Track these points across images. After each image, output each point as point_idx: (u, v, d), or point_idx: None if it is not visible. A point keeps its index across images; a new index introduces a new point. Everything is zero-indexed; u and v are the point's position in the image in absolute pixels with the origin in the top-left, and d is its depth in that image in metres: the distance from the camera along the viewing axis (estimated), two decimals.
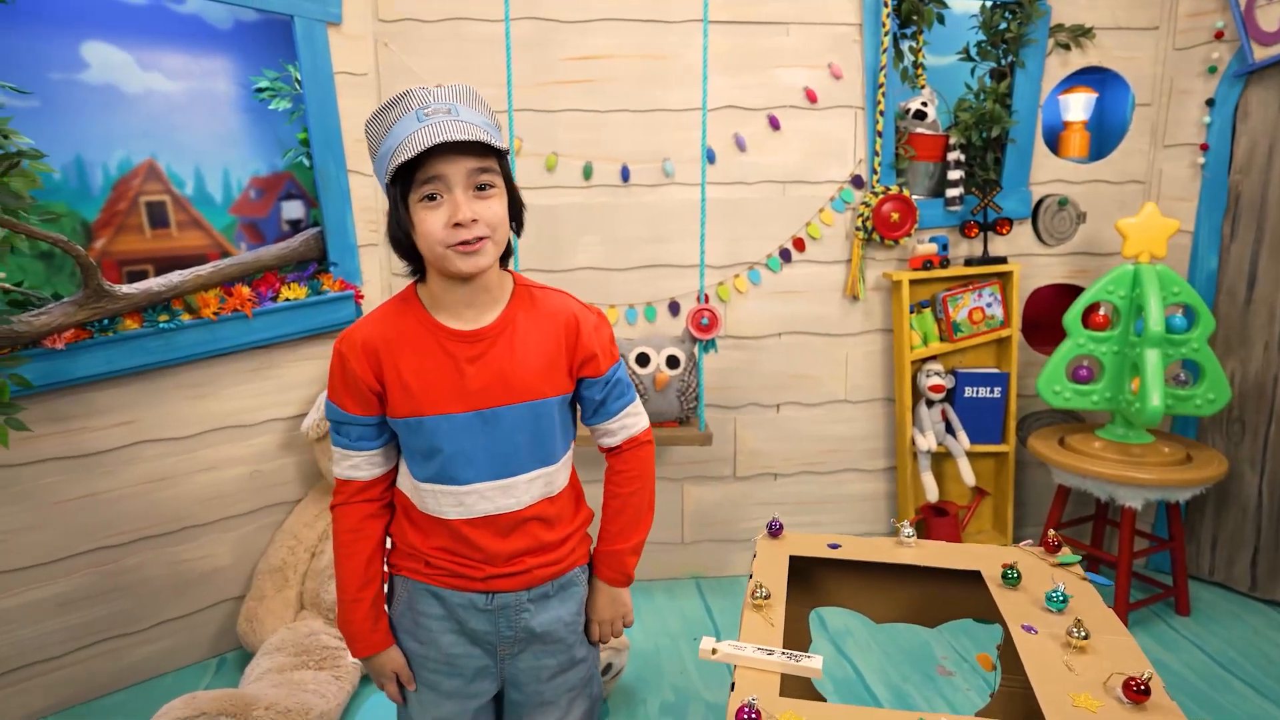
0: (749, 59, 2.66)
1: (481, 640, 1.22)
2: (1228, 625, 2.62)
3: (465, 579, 1.18)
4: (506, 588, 1.19)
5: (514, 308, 1.18)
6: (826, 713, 1.00)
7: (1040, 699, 1.02)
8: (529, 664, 1.25)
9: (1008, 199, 2.80)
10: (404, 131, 1.05)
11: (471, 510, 1.16)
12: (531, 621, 1.22)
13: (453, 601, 1.19)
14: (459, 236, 1.07)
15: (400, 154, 1.03)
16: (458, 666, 1.22)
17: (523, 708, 1.28)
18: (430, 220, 1.07)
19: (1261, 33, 2.53)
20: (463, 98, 1.11)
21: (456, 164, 1.06)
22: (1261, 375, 2.68)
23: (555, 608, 1.23)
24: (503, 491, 1.17)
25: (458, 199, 1.06)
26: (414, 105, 1.08)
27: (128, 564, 2.27)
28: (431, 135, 1.02)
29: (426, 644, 1.21)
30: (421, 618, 1.21)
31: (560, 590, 1.24)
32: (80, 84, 2.26)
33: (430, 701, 1.23)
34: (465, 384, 1.14)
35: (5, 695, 2.12)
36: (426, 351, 1.14)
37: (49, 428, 2.10)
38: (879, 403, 2.90)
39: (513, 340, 1.16)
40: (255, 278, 2.41)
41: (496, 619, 1.20)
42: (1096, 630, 1.17)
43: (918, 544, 1.47)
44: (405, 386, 1.13)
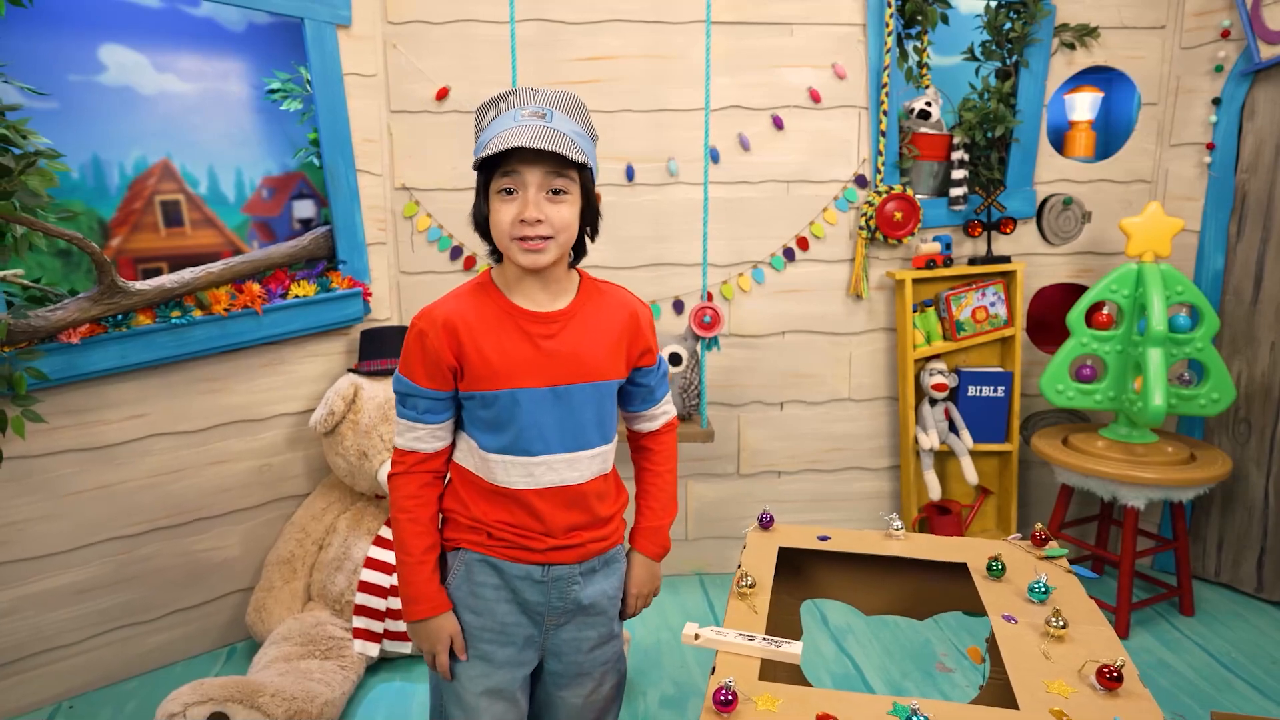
0: (753, 59, 2.68)
1: (532, 611, 1.28)
2: (1232, 626, 2.61)
3: (526, 550, 1.25)
4: (562, 560, 1.27)
5: (583, 296, 1.28)
6: (801, 695, 1.02)
7: (1014, 685, 1.04)
8: (572, 635, 1.32)
9: (1012, 198, 2.80)
10: (500, 127, 1.15)
11: (539, 481, 1.24)
12: (580, 594, 1.29)
13: (511, 573, 1.26)
14: (523, 232, 1.16)
15: (486, 148, 1.13)
16: (510, 636, 1.28)
17: (561, 677, 1.34)
18: (503, 211, 1.17)
19: (1268, 31, 2.53)
20: (562, 105, 1.19)
21: (534, 167, 1.14)
22: (1268, 375, 2.67)
23: (600, 581, 1.32)
24: (569, 465, 1.25)
25: (529, 198, 1.15)
26: (516, 104, 1.17)
27: (141, 554, 2.33)
28: (515, 137, 1.10)
29: (483, 614, 1.27)
30: (479, 588, 1.27)
31: (605, 565, 1.33)
32: (98, 86, 2.31)
33: (482, 673, 1.27)
34: (542, 361, 1.22)
35: (24, 680, 2.18)
36: (504, 330, 1.22)
37: (64, 420, 2.16)
38: (882, 401, 2.92)
39: (584, 324, 1.26)
40: (265, 275, 2.46)
41: (549, 591, 1.27)
42: (1075, 620, 1.18)
43: (907, 537, 1.49)
44: (487, 361, 1.20)
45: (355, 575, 2.36)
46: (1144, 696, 1.01)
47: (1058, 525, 2.75)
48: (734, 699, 0.99)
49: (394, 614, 2.33)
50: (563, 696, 1.35)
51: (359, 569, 2.36)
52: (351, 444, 2.38)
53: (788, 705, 1.01)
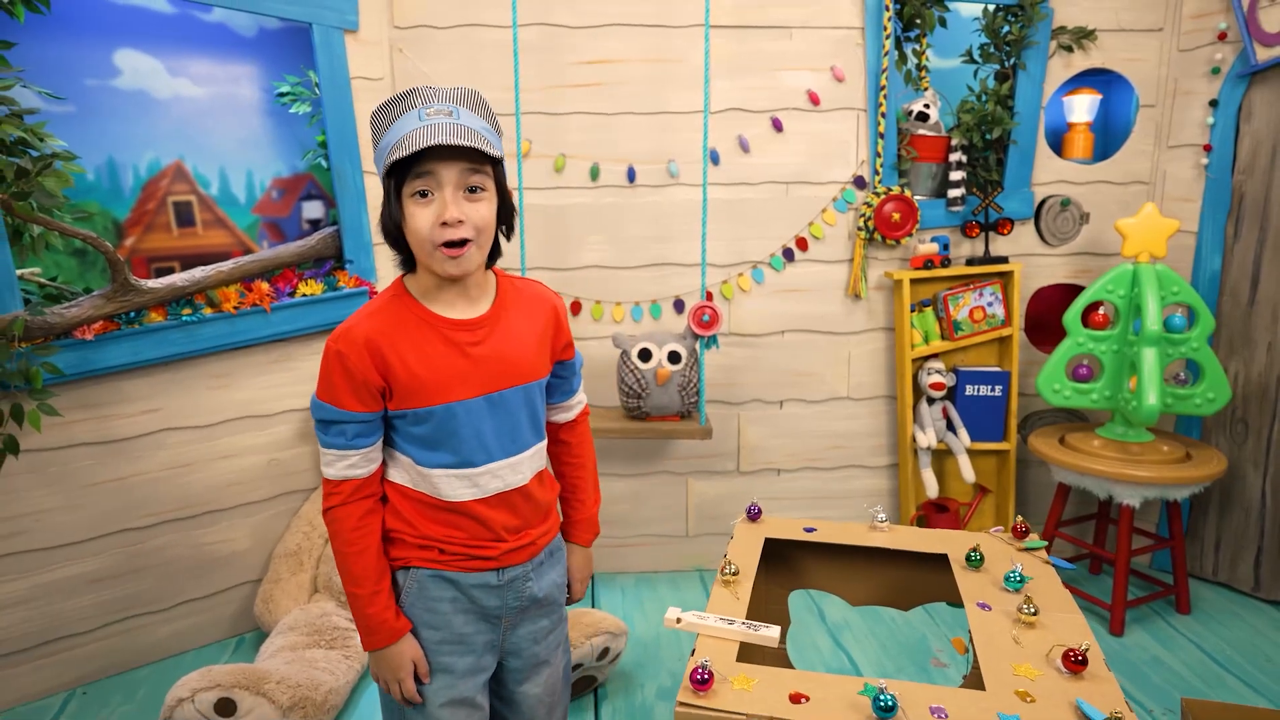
0: (753, 62, 2.72)
1: (490, 615, 1.27)
2: (1228, 624, 2.62)
3: (480, 560, 1.23)
4: (515, 561, 1.26)
5: (502, 298, 1.25)
6: (775, 675, 1.06)
7: (983, 668, 1.08)
8: (527, 629, 1.32)
9: (1010, 199, 2.83)
10: (405, 128, 1.09)
11: (485, 490, 1.22)
12: (534, 588, 1.29)
13: (466, 583, 1.23)
14: (445, 236, 1.11)
15: (396, 150, 1.07)
16: (470, 645, 1.26)
17: (520, 672, 1.34)
18: (419, 216, 1.11)
19: (1264, 34, 2.55)
20: (466, 101, 1.15)
21: (449, 165, 1.10)
22: (1265, 376, 2.69)
23: (549, 572, 1.32)
24: (511, 469, 1.24)
25: (447, 198, 1.10)
26: (418, 103, 1.12)
27: (152, 545, 2.39)
28: (427, 136, 1.06)
29: (441, 628, 1.24)
30: (434, 603, 1.24)
31: (550, 556, 1.33)
32: (113, 90, 2.38)
33: (445, 684, 1.25)
34: (472, 369, 1.19)
35: (39, 666, 2.24)
36: (429, 342, 1.17)
37: (79, 414, 2.23)
38: (881, 400, 2.95)
39: (509, 326, 1.23)
40: (274, 274, 2.52)
41: (505, 593, 1.26)
42: (1048, 608, 1.22)
43: (891, 529, 1.52)
44: (415, 376, 1.16)
45: None
46: (1107, 680, 1.05)
47: (1055, 523, 2.77)
48: (710, 678, 1.04)
49: None
50: (524, 691, 1.36)
51: None
52: None
53: (762, 685, 1.05)
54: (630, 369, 2.56)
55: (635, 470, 2.91)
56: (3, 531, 2.15)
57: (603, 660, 2.21)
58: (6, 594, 2.17)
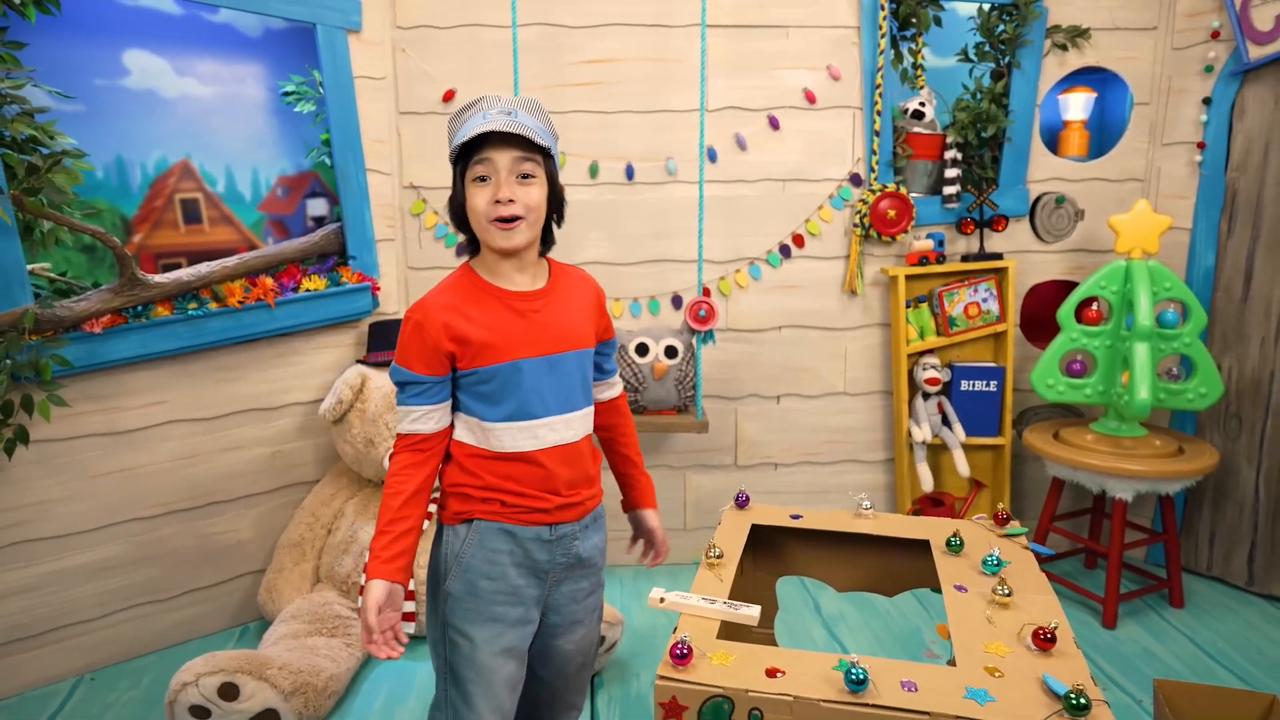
0: (750, 61, 2.76)
1: (539, 570, 1.39)
2: (1221, 618, 2.64)
3: (537, 513, 1.36)
4: (566, 518, 1.40)
5: (555, 277, 1.42)
6: (753, 651, 1.10)
7: (955, 646, 1.11)
8: (569, 588, 1.45)
9: (1004, 197, 2.86)
10: (473, 125, 1.28)
11: (544, 441, 1.36)
12: (580, 548, 1.43)
13: (523, 536, 1.36)
14: (498, 212, 1.28)
15: (460, 138, 1.27)
16: (520, 596, 1.38)
17: (558, 628, 1.46)
18: (478, 196, 1.29)
19: (1256, 32, 2.57)
20: (526, 106, 1.32)
21: (504, 152, 1.28)
22: (1258, 371, 2.71)
23: (593, 535, 1.46)
24: (566, 425, 1.38)
25: (501, 180, 1.28)
26: (485, 107, 1.30)
27: (159, 535, 2.44)
28: (486, 127, 1.25)
29: (497, 579, 1.36)
30: (493, 554, 1.36)
31: (594, 521, 1.47)
32: (121, 89, 2.43)
33: (496, 633, 1.36)
34: (535, 333, 1.35)
35: (48, 652, 2.29)
36: (494, 310, 1.34)
37: (87, 406, 2.28)
38: (877, 395, 2.98)
39: (562, 300, 1.41)
40: (278, 269, 2.57)
41: (554, 549, 1.39)
42: (1022, 590, 1.25)
43: (875, 516, 1.56)
44: (484, 339, 1.32)
45: (361, 558, 2.46)
46: (1075, 656, 1.08)
47: (1049, 517, 2.79)
48: (689, 653, 1.07)
49: None
50: (558, 645, 1.47)
51: (365, 551, 2.46)
52: (358, 431, 2.48)
53: (740, 660, 1.09)
54: (628, 363, 2.60)
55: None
56: (12, 520, 2.20)
57: (599, 649, 2.25)
58: (16, 582, 2.22)
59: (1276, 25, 2.51)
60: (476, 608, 1.35)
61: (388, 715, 2.17)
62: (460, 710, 1.36)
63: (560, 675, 1.51)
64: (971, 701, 1.00)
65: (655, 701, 1.07)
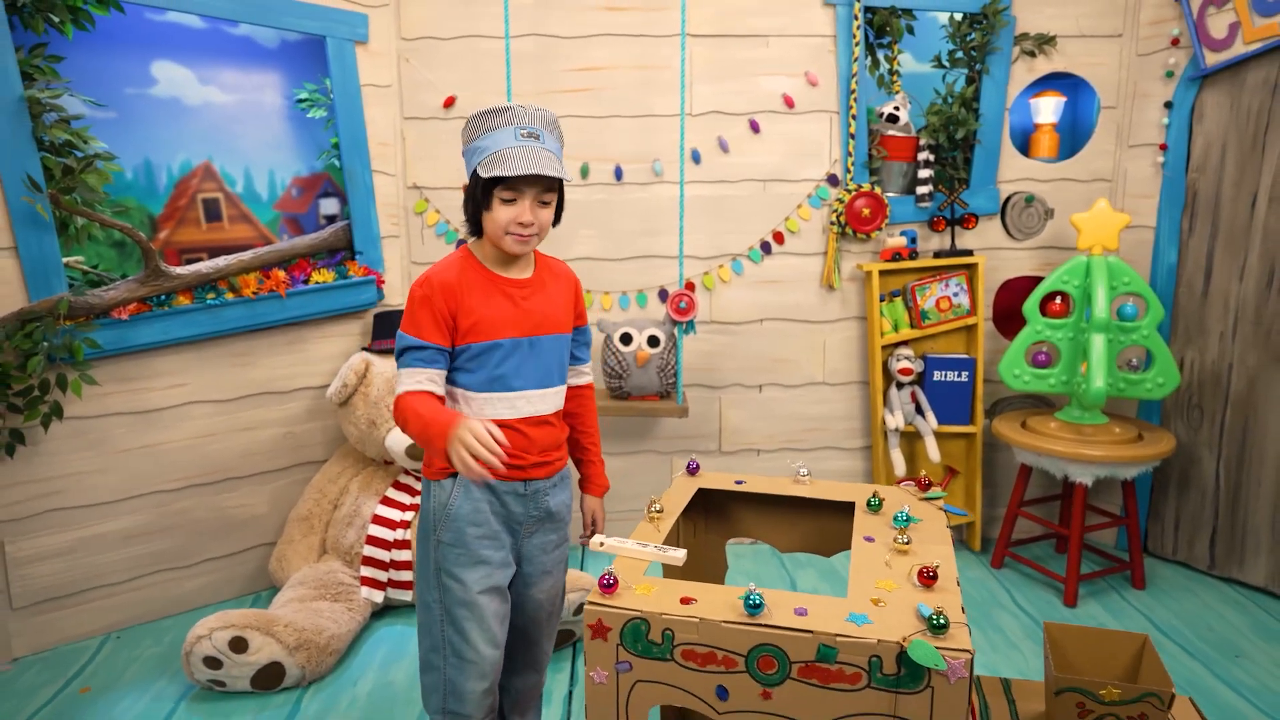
0: (732, 68, 2.93)
1: (514, 521, 1.58)
2: (1179, 599, 2.76)
3: (513, 470, 1.51)
4: (537, 475, 1.58)
5: (541, 268, 1.61)
6: (672, 585, 1.27)
7: (850, 583, 1.27)
8: (540, 540, 1.63)
9: (976, 196, 3.00)
10: (504, 141, 1.43)
11: (519, 411, 1.54)
12: (550, 503, 1.61)
13: (501, 489, 1.55)
14: (519, 231, 1.48)
15: (499, 167, 1.41)
16: (500, 541, 1.57)
17: (531, 577, 1.65)
18: (504, 212, 1.47)
19: (1212, 39, 2.69)
20: (548, 125, 1.49)
21: (533, 184, 1.46)
22: (1217, 363, 2.82)
23: (560, 493, 1.65)
24: (540, 398, 1.57)
25: (526, 206, 1.47)
26: (514, 120, 1.45)
27: (179, 507, 2.66)
28: (529, 164, 1.41)
29: (481, 525, 1.54)
30: (477, 503, 1.54)
31: (560, 481, 1.65)
32: (149, 97, 2.65)
33: (485, 574, 1.55)
34: (520, 316, 1.53)
35: (78, 611, 2.51)
36: (489, 293, 1.52)
37: (115, 387, 2.49)
38: (855, 385, 3.13)
39: (546, 289, 1.59)
40: (290, 263, 2.78)
41: (528, 502, 1.58)
42: (924, 542, 1.41)
43: (811, 482, 1.72)
44: (479, 316, 1.50)
45: (364, 530, 2.65)
46: (953, 592, 1.23)
47: (1017, 502, 2.93)
48: (615, 583, 1.24)
49: (398, 565, 2.61)
50: (531, 594, 1.66)
51: (368, 525, 2.65)
52: (362, 414, 2.68)
53: (659, 592, 1.26)
54: (612, 351, 2.77)
55: (622, 449, 3.12)
56: (47, 490, 2.42)
57: (580, 615, 2.42)
58: (50, 546, 2.44)
59: (1230, 33, 2.64)
60: (467, 553, 1.53)
61: (384, 674, 2.36)
62: (458, 646, 1.53)
63: (533, 623, 1.69)
64: (851, 624, 1.16)
65: (584, 624, 1.24)
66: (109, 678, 2.34)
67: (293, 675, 2.25)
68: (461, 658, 1.53)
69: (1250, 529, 2.77)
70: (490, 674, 1.55)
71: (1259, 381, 2.71)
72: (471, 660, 1.53)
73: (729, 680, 1.19)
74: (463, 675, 1.53)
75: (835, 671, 1.14)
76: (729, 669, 1.19)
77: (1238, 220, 2.73)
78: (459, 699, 1.54)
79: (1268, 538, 2.72)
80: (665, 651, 1.21)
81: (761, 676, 1.18)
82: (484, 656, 1.53)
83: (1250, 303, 2.72)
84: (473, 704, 1.54)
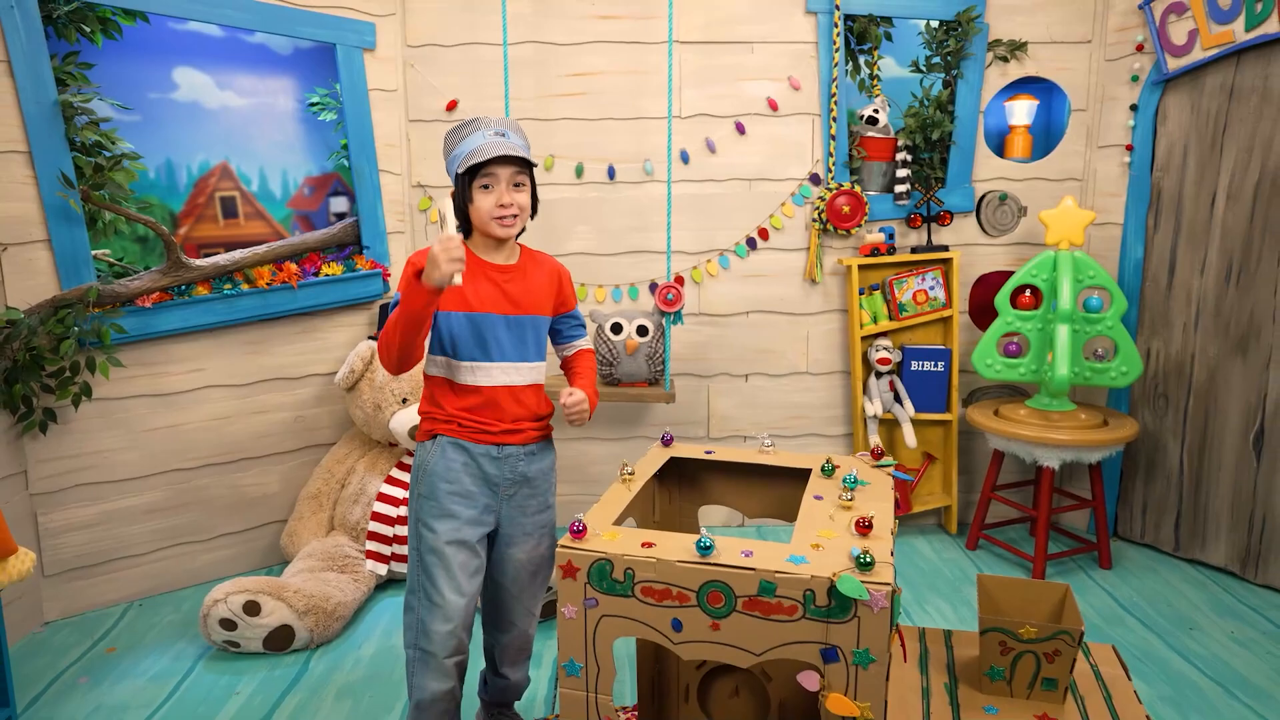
0: (719, 74, 3.09)
1: (491, 482, 1.73)
2: (1143, 578, 2.90)
3: (485, 434, 1.71)
4: (511, 441, 1.74)
5: (525, 258, 1.80)
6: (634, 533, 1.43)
7: (795, 533, 1.43)
8: (518, 503, 1.78)
9: (951, 195, 3.15)
10: (477, 142, 1.66)
11: (495, 380, 1.72)
12: (526, 469, 1.77)
13: (475, 451, 1.71)
14: (499, 213, 1.67)
15: (474, 157, 1.63)
16: (473, 499, 1.72)
17: (511, 538, 1.80)
18: (485, 199, 1.67)
19: (1173, 45, 2.84)
20: (512, 127, 1.72)
21: (506, 169, 1.66)
22: (1181, 354, 2.96)
23: (538, 461, 1.80)
24: (515, 370, 1.74)
25: (502, 189, 1.67)
26: (483, 126, 1.69)
27: (198, 484, 2.83)
28: (497, 150, 1.63)
29: (454, 482, 1.71)
30: (451, 463, 1.71)
31: (540, 450, 1.81)
32: (171, 102, 2.84)
33: (452, 527, 1.71)
34: (502, 297, 1.72)
35: (103, 580, 2.70)
36: (475, 275, 1.71)
37: (139, 370, 2.68)
38: (837, 375, 3.28)
39: (528, 276, 1.77)
40: (302, 257, 2.96)
41: (502, 465, 1.73)
42: (867, 500, 1.56)
43: (775, 452, 1.87)
44: (467, 293, 1.69)
45: (369, 508, 2.82)
46: (885, 540, 1.39)
47: (990, 486, 3.07)
48: (584, 529, 1.41)
49: (400, 539, 2.78)
50: (511, 554, 1.81)
51: (373, 502, 2.82)
52: (368, 398, 2.85)
53: (624, 538, 1.41)
54: (604, 340, 2.94)
55: (615, 435, 3.28)
56: (77, 465, 2.61)
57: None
58: (79, 518, 2.63)
59: (1189, 39, 2.78)
60: (437, 505, 1.70)
61: (386, 639, 2.53)
62: (428, 589, 1.71)
63: (515, 582, 1.85)
64: (789, 564, 1.31)
65: (556, 565, 1.40)
66: (132, 640, 2.52)
67: (302, 638, 2.42)
68: (430, 600, 1.70)
69: (1211, 513, 2.91)
70: (455, 618, 1.70)
71: (1219, 371, 2.85)
72: (438, 604, 1.69)
73: (683, 614, 1.35)
74: (430, 616, 1.70)
75: (774, 604, 1.30)
76: (682, 603, 1.35)
77: (1199, 217, 2.87)
78: (426, 637, 1.70)
79: (1227, 520, 2.86)
80: (627, 589, 1.37)
81: (710, 609, 1.34)
82: (449, 602, 1.69)
83: (1210, 296, 2.86)
84: (438, 643, 1.70)
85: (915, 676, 1.60)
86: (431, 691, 1.72)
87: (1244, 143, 2.73)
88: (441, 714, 1.75)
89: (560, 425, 3.17)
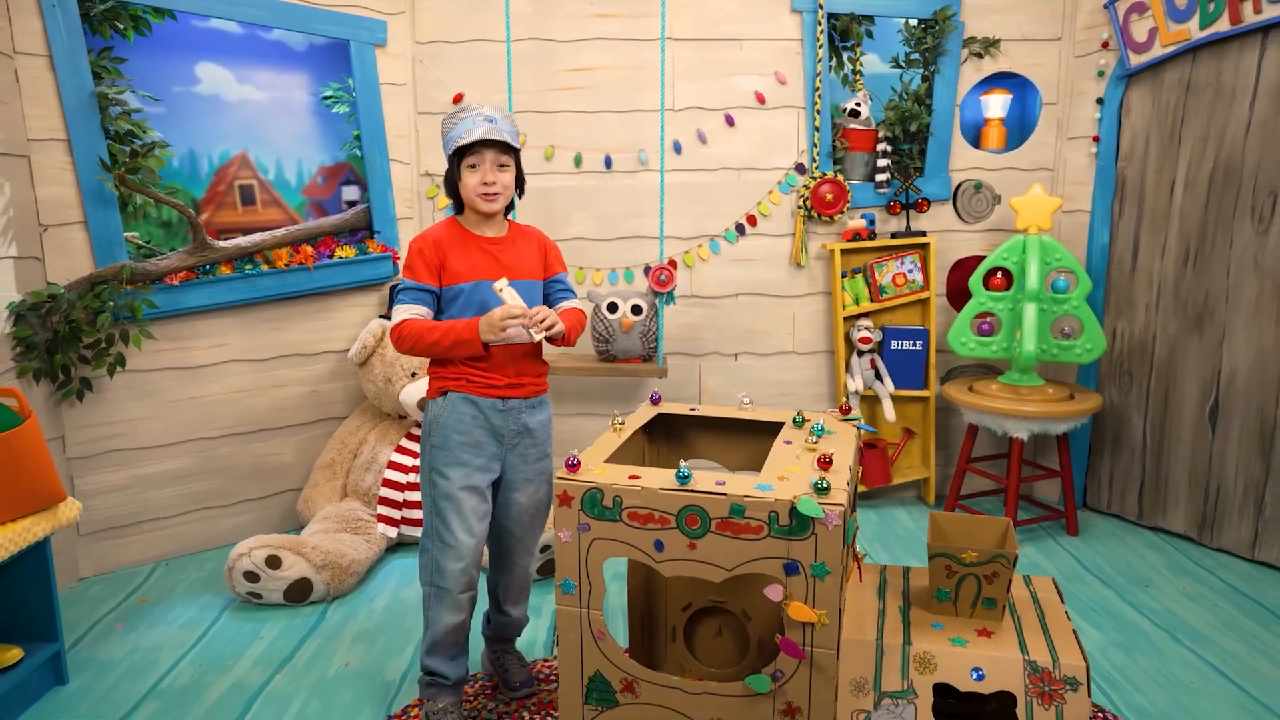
0: (709, 69, 3.28)
1: (497, 432, 1.92)
2: (1107, 543, 3.08)
3: (491, 388, 1.89)
4: (514, 395, 1.93)
5: (513, 231, 2.00)
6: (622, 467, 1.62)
7: (765, 467, 1.62)
8: (521, 452, 1.97)
9: (929, 183, 3.34)
10: (467, 127, 1.85)
11: None
12: (528, 420, 1.96)
13: (482, 404, 1.90)
14: (484, 190, 1.86)
15: (463, 140, 1.83)
16: (482, 449, 1.91)
17: (514, 483, 1.99)
18: (471, 178, 1.87)
19: (1135, 42, 3.02)
20: (501, 114, 1.90)
21: (490, 150, 1.85)
22: (1143, 333, 3.15)
23: (539, 413, 2.00)
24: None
25: (487, 169, 1.85)
26: (472, 114, 1.87)
27: (220, 453, 3.03)
28: (481, 134, 1.82)
29: (465, 434, 1.89)
30: (461, 416, 1.88)
31: (538, 404, 2.00)
32: (194, 95, 3.03)
33: (464, 474, 1.88)
34: (496, 266, 1.89)
35: (131, 540, 2.89)
36: (469, 248, 1.90)
37: (167, 345, 2.87)
38: (821, 354, 3.47)
39: (517, 245, 1.97)
40: (317, 240, 3.15)
41: (507, 417, 1.92)
42: (831, 445, 1.75)
43: (753, 409, 2.06)
44: (462, 265, 1.87)
45: (380, 475, 3.01)
46: (842, 472, 1.58)
47: (965, 458, 3.25)
48: (578, 463, 1.60)
49: (410, 504, 2.97)
50: (515, 498, 2.00)
51: (384, 470, 3.01)
52: (379, 372, 3.04)
53: (612, 471, 1.60)
54: (600, 318, 3.13)
55: (611, 410, 3.47)
56: (109, 433, 2.80)
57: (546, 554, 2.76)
58: (110, 482, 2.82)
59: (1149, 37, 2.97)
60: (450, 454, 1.89)
61: (398, 594, 2.72)
62: (441, 532, 1.90)
63: (518, 524, 2.04)
64: (757, 490, 1.50)
65: (553, 495, 1.59)
66: (162, 593, 2.71)
67: (319, 590, 2.62)
68: (444, 541, 1.89)
69: (1172, 482, 3.09)
70: (466, 557, 1.89)
71: (1178, 349, 3.04)
72: (450, 544, 1.88)
73: (664, 535, 1.54)
74: (444, 556, 1.89)
75: (743, 525, 1.49)
76: (663, 526, 1.54)
77: (1159, 204, 3.06)
78: (440, 575, 1.90)
79: (1185, 489, 3.05)
80: (615, 514, 1.56)
81: (688, 531, 1.53)
82: (460, 542, 1.88)
83: (1170, 278, 3.04)
84: (451, 580, 1.89)
85: (873, 601, 1.79)
86: (446, 623, 1.91)
87: (1199, 134, 2.91)
88: (453, 644, 1.95)
89: (559, 400, 3.37)
